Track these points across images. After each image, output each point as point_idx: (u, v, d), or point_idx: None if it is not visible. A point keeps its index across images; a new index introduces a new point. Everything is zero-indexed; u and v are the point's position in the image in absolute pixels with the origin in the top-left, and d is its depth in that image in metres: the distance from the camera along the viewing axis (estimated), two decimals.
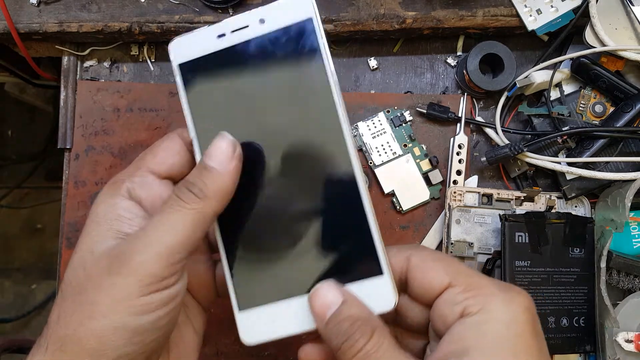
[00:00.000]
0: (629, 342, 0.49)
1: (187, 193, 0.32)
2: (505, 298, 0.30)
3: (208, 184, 0.32)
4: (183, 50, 0.35)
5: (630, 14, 0.52)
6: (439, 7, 0.53)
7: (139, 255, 0.30)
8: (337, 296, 0.31)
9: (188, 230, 0.31)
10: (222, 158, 0.32)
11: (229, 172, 0.32)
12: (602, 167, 0.52)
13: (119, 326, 0.30)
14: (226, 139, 0.33)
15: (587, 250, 0.51)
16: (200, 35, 0.34)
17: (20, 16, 0.52)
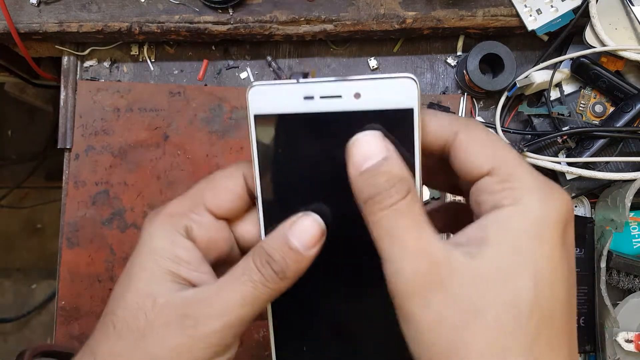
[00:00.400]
0: (629, 342, 0.49)
1: (269, 270, 0.31)
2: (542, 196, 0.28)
3: (290, 265, 0.30)
4: (262, 101, 0.31)
5: (630, 14, 0.52)
6: (439, 7, 0.53)
7: (211, 323, 0.30)
8: (382, 149, 0.29)
9: (262, 306, 0.31)
10: (309, 242, 0.30)
11: (309, 257, 0.31)
12: (602, 167, 0.52)
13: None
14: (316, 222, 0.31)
15: (587, 250, 0.51)
16: (285, 91, 0.31)
17: (20, 16, 0.52)
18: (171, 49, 0.57)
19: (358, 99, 0.30)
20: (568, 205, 0.28)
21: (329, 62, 0.57)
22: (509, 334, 0.26)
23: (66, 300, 0.55)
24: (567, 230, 0.28)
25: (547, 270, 0.27)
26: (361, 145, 0.29)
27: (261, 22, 0.53)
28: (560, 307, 0.27)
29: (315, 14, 0.52)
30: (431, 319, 0.27)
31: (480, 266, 0.27)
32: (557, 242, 0.27)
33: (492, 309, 0.26)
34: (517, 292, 0.26)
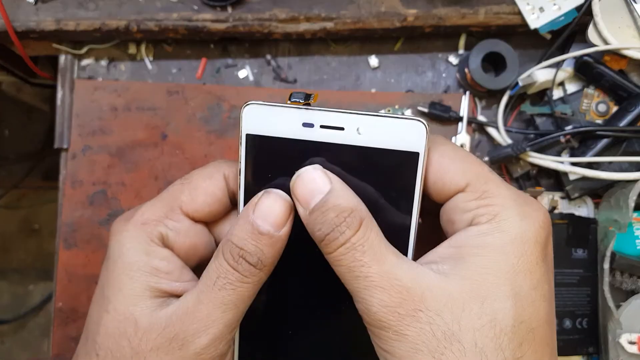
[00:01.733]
0: (632, 343, 0.48)
1: (245, 265, 0.28)
2: (520, 211, 0.27)
3: (266, 252, 0.28)
4: (256, 121, 0.29)
5: (633, 12, 0.52)
6: (440, 5, 0.52)
7: (199, 338, 0.28)
8: (325, 183, 0.28)
9: (248, 303, 0.29)
10: (278, 221, 0.28)
11: (284, 237, 0.29)
12: (606, 166, 0.51)
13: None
14: (280, 197, 0.29)
15: (590, 251, 0.51)
16: (283, 114, 0.29)
17: (17, 14, 0.52)
18: (169, 47, 0.57)
19: (360, 135, 0.29)
20: (547, 220, 0.27)
21: (329, 60, 0.57)
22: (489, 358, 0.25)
23: (63, 301, 0.54)
24: (547, 246, 0.27)
25: (528, 288, 0.26)
26: (303, 182, 0.28)
27: (260, 20, 0.52)
28: (543, 323, 0.26)
29: (315, 12, 0.52)
30: (405, 351, 0.25)
31: (455, 286, 0.26)
32: (538, 257, 0.27)
33: (469, 333, 0.25)
34: (496, 313, 0.25)
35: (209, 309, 0.28)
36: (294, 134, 0.29)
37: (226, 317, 0.28)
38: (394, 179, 0.29)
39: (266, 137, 0.29)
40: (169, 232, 0.31)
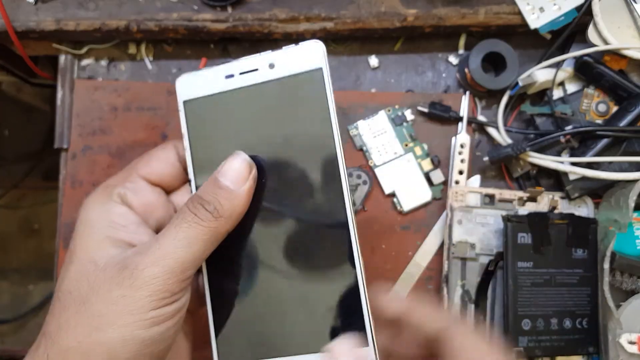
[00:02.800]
0: (632, 343, 0.48)
1: (202, 210, 0.31)
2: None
3: (223, 203, 0.32)
4: (189, 88, 0.35)
5: (633, 12, 0.52)
6: (440, 5, 0.52)
7: (150, 269, 0.30)
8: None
9: (201, 248, 0.31)
10: (238, 178, 0.32)
11: (245, 192, 0.32)
12: (606, 166, 0.51)
13: (129, 338, 0.29)
14: (242, 158, 0.33)
15: (591, 251, 0.51)
16: (209, 75, 0.34)
17: (17, 14, 0.52)
18: (169, 47, 0.57)
19: (273, 69, 0.34)
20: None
21: (329, 60, 0.56)
22: None
23: None
24: None
25: None
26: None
27: (260, 20, 0.52)
28: None
29: (315, 12, 0.52)
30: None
31: None
32: None
33: None
34: None
35: (164, 243, 0.31)
36: (221, 88, 0.34)
37: (182, 254, 0.30)
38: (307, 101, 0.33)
39: (199, 98, 0.34)
40: (126, 192, 0.35)
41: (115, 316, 0.29)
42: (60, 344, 0.30)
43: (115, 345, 0.29)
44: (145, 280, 0.30)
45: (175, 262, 0.30)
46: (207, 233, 0.31)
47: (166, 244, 0.31)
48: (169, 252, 0.31)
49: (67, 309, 0.31)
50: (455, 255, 0.52)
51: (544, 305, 0.49)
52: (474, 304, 0.51)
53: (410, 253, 0.55)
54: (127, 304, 0.29)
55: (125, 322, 0.29)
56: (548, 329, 0.49)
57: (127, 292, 0.30)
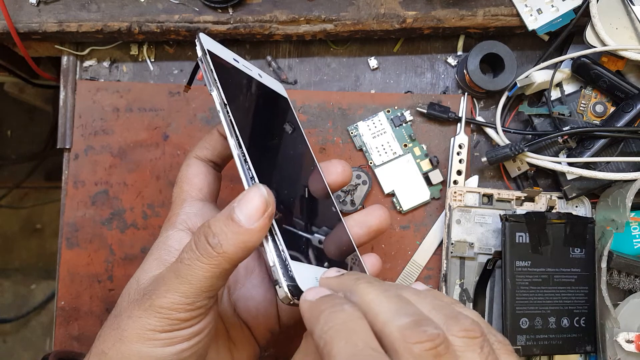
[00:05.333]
0: (630, 342, 0.48)
1: (204, 245, 0.31)
2: None
3: (230, 238, 0.31)
4: (211, 45, 0.38)
5: (630, 13, 0.52)
6: (439, 7, 0.53)
7: (160, 300, 0.32)
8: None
9: (204, 283, 0.32)
10: (253, 213, 0.31)
11: (255, 230, 0.31)
12: (603, 167, 0.52)
13: (144, 354, 0.32)
14: (261, 193, 0.32)
15: (588, 251, 0.51)
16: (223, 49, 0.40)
17: (19, 16, 0.52)
18: (171, 48, 0.57)
19: (261, 78, 0.44)
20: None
21: (329, 61, 0.57)
22: None
23: (65, 300, 0.54)
24: None
25: None
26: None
27: (261, 22, 0.52)
28: None
29: (315, 14, 0.52)
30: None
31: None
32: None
33: None
34: None
35: (170, 277, 0.32)
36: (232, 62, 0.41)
37: (185, 289, 0.31)
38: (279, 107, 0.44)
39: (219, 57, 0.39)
40: (188, 216, 0.38)
41: (134, 333, 0.32)
42: (97, 348, 0.34)
43: (132, 357, 0.32)
44: (155, 308, 0.32)
45: (180, 296, 0.31)
46: (208, 270, 0.31)
47: (171, 278, 0.32)
48: (174, 286, 0.32)
49: (109, 320, 0.34)
50: (454, 254, 0.52)
51: (541, 304, 0.50)
52: (472, 303, 0.52)
53: (409, 252, 0.55)
54: (143, 325, 0.32)
55: (141, 340, 0.32)
56: (546, 328, 0.49)
57: (143, 314, 0.32)
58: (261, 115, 0.41)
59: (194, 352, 0.33)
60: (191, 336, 0.33)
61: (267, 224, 0.32)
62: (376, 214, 0.43)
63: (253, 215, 0.31)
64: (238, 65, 0.41)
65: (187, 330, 0.32)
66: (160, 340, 0.32)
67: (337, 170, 0.43)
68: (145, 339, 0.32)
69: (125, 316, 0.33)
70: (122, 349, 0.32)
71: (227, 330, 0.39)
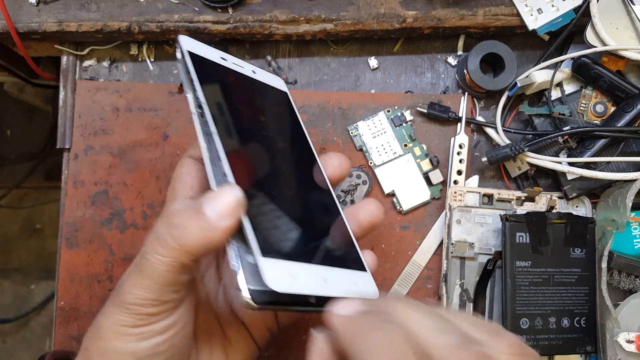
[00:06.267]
0: (630, 342, 0.48)
1: (164, 236, 0.31)
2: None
3: (193, 231, 0.30)
4: (191, 45, 0.38)
5: (631, 13, 0.52)
6: (439, 7, 0.53)
7: (126, 295, 0.32)
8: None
9: (165, 277, 0.31)
10: (223, 211, 0.30)
11: (222, 228, 0.30)
12: (603, 167, 0.52)
13: (119, 350, 0.32)
14: (234, 193, 0.31)
15: (588, 251, 0.51)
16: (208, 48, 0.39)
17: (19, 15, 0.52)
18: (171, 48, 0.57)
19: (254, 74, 0.43)
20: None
21: (329, 61, 0.57)
22: None
23: (65, 300, 0.54)
24: None
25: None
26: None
27: (261, 22, 0.52)
28: None
29: (315, 14, 0.52)
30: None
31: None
32: None
33: None
34: None
35: (133, 271, 0.32)
36: (216, 60, 0.39)
37: (145, 283, 0.31)
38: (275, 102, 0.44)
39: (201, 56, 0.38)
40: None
41: (109, 329, 0.32)
42: (83, 345, 0.34)
43: (109, 353, 0.32)
44: (123, 303, 0.32)
45: (145, 291, 0.31)
46: (167, 265, 0.31)
47: (135, 275, 0.32)
48: (137, 282, 0.32)
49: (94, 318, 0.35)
50: (454, 254, 0.52)
51: (542, 305, 0.49)
52: (472, 303, 0.52)
53: (409, 252, 0.55)
54: (115, 321, 0.32)
55: (115, 336, 0.32)
56: (546, 328, 0.49)
57: (115, 310, 0.32)
58: (251, 111, 0.40)
59: (171, 346, 0.33)
60: (164, 330, 0.32)
61: (234, 224, 0.30)
62: (367, 209, 0.41)
63: (223, 213, 0.30)
64: (226, 63, 0.40)
65: (159, 325, 0.32)
66: (133, 336, 0.32)
67: (334, 164, 0.42)
68: (119, 334, 0.32)
69: (102, 313, 0.33)
70: (100, 346, 0.32)
71: (223, 329, 0.39)
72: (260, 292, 0.30)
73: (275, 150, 0.40)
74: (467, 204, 0.53)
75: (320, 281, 0.32)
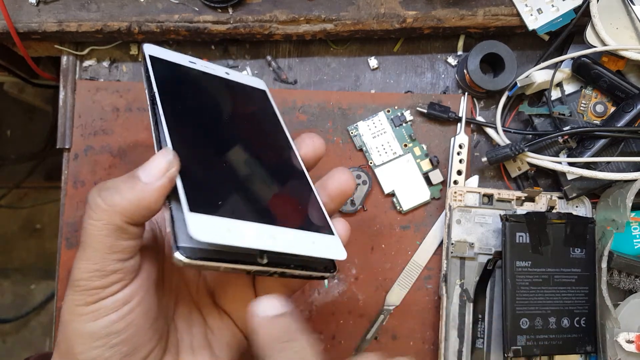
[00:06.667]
0: (630, 342, 0.48)
1: (94, 199, 0.31)
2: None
3: (123, 192, 0.31)
4: (156, 51, 0.39)
5: (631, 13, 0.52)
6: (439, 7, 0.53)
7: (73, 271, 0.31)
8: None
9: (103, 243, 0.31)
10: (153, 172, 0.31)
11: (153, 188, 0.31)
12: (603, 167, 0.52)
13: (78, 332, 0.31)
14: (166, 154, 0.32)
15: (588, 251, 0.51)
16: (175, 54, 0.41)
17: (19, 15, 0.52)
18: (170, 48, 0.57)
19: (228, 75, 0.44)
20: None
21: (329, 61, 0.57)
22: None
23: None
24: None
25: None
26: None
27: (261, 22, 0.52)
28: None
29: (315, 14, 0.52)
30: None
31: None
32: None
33: None
34: None
35: (79, 246, 0.32)
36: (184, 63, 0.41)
37: (87, 253, 0.31)
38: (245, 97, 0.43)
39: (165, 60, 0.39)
40: None
41: (66, 313, 0.32)
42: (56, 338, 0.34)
43: (71, 337, 0.31)
44: (73, 282, 0.31)
45: (87, 262, 0.31)
46: (101, 228, 0.30)
47: (79, 249, 0.32)
48: (80, 255, 0.31)
49: None
50: (454, 254, 0.52)
51: (542, 305, 0.49)
52: (472, 303, 0.52)
53: (409, 252, 0.55)
54: (70, 302, 0.31)
55: (72, 318, 0.31)
56: (546, 328, 0.49)
57: (69, 292, 0.32)
58: (210, 101, 0.40)
59: (129, 324, 0.32)
60: (117, 306, 0.31)
61: (167, 184, 0.31)
62: (336, 177, 0.39)
63: (153, 173, 0.31)
64: (196, 66, 0.41)
65: (110, 300, 0.31)
66: (87, 315, 0.31)
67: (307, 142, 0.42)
68: (74, 315, 0.31)
69: (64, 301, 0.32)
70: (64, 332, 0.32)
71: (204, 318, 0.38)
72: (194, 249, 0.30)
73: (232, 131, 0.40)
74: (467, 204, 0.53)
75: (266, 238, 0.32)
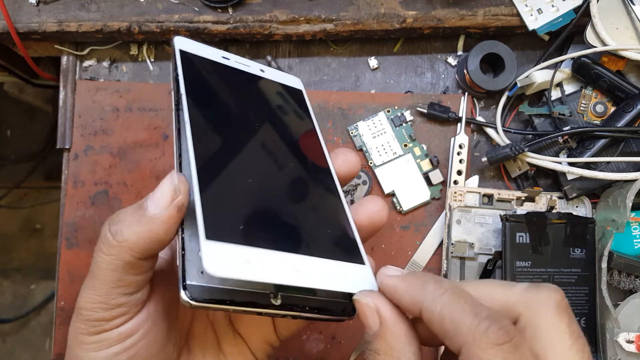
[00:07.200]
0: (630, 342, 0.48)
1: (105, 233, 0.30)
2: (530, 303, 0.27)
3: (132, 225, 0.29)
4: (187, 45, 0.37)
5: (631, 13, 0.52)
6: (439, 7, 0.53)
7: (79, 300, 0.31)
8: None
9: (110, 277, 0.30)
10: (162, 202, 0.29)
11: (160, 219, 0.29)
12: (603, 167, 0.52)
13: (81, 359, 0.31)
14: (171, 181, 0.29)
15: (588, 251, 0.51)
16: (208, 48, 0.38)
17: (19, 16, 0.52)
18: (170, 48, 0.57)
19: (263, 73, 0.41)
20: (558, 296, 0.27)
21: (329, 61, 0.57)
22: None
23: (65, 300, 0.54)
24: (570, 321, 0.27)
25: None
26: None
27: (261, 22, 0.52)
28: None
29: (315, 14, 0.52)
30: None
31: None
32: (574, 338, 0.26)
33: None
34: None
35: (87, 275, 0.31)
36: (217, 59, 0.38)
37: (93, 284, 0.30)
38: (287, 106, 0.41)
39: (196, 55, 0.37)
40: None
41: (72, 338, 0.32)
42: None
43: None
44: (78, 310, 0.31)
45: (93, 294, 0.30)
46: (109, 263, 0.29)
47: (86, 278, 0.31)
48: (87, 285, 0.31)
49: None
50: (454, 254, 0.52)
51: None
52: None
53: (409, 252, 0.55)
54: (75, 329, 0.31)
55: (77, 344, 0.31)
56: None
57: (74, 318, 0.31)
58: (243, 104, 0.38)
59: (133, 356, 0.31)
60: (121, 338, 0.31)
61: (175, 214, 0.29)
62: (367, 207, 0.36)
63: (160, 204, 0.29)
64: (229, 62, 0.39)
65: (114, 332, 0.31)
66: (90, 345, 0.31)
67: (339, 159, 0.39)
68: (79, 343, 0.31)
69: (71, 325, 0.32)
70: (69, 355, 0.32)
71: (219, 340, 0.37)
72: (203, 288, 0.27)
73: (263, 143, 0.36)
74: (467, 204, 0.53)
75: (289, 270, 0.28)
